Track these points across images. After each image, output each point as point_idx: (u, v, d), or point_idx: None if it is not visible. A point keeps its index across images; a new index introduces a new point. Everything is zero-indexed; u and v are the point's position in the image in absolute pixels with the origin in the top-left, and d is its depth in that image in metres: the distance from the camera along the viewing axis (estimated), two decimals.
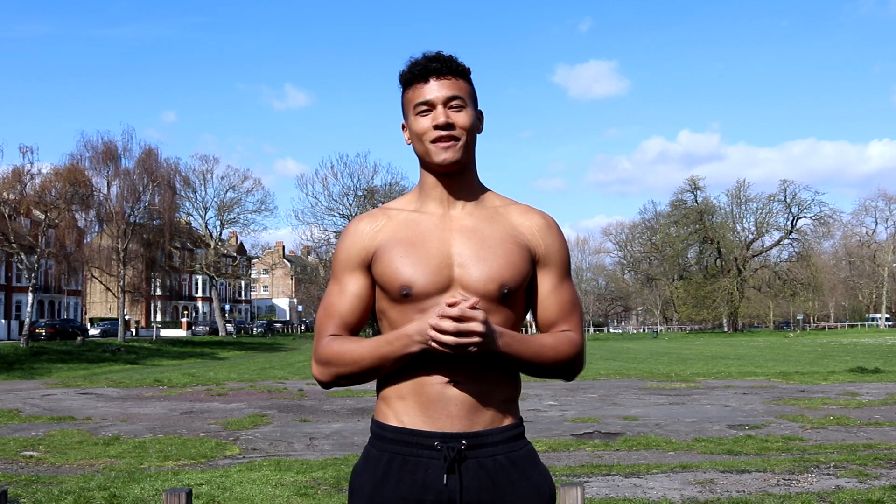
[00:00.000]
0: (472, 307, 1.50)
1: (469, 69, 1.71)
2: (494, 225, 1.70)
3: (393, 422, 1.64)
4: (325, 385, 1.71)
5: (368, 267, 1.70)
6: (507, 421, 1.66)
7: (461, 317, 1.48)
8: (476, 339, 1.49)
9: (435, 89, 1.66)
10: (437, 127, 1.64)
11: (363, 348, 1.62)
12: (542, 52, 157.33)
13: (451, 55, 1.69)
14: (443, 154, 1.65)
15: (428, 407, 1.61)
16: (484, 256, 1.64)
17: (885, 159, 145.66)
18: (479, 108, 1.75)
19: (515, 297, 1.66)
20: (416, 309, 1.61)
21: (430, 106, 1.66)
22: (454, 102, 1.66)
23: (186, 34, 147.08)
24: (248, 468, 7.10)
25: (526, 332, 1.66)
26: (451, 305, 1.49)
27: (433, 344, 1.51)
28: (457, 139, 1.65)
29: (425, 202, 1.73)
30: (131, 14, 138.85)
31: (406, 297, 1.62)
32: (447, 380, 1.60)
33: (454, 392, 1.60)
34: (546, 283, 1.72)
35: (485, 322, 1.50)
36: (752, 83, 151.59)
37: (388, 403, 1.66)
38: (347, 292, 1.71)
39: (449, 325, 1.47)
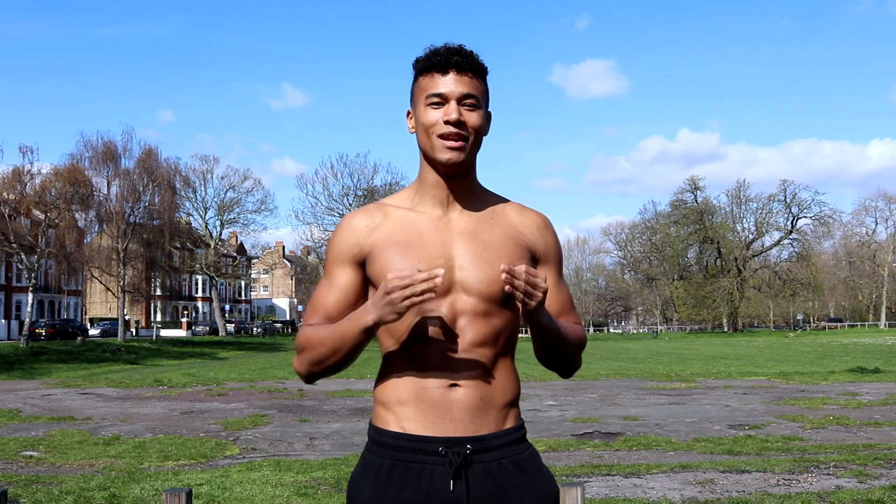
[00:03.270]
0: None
1: (487, 68, 1.66)
2: (494, 226, 1.67)
3: (393, 427, 1.60)
4: (303, 377, 1.66)
5: (360, 263, 1.67)
6: (510, 424, 1.63)
7: (531, 281, 1.48)
8: (540, 295, 1.49)
9: (452, 83, 1.60)
10: (447, 122, 1.59)
11: (328, 329, 1.59)
12: (539, 51, 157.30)
13: (473, 51, 1.64)
14: (448, 153, 1.60)
15: (430, 412, 1.57)
16: (486, 259, 1.61)
17: (885, 159, 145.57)
18: (488, 109, 1.70)
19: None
20: (414, 312, 1.58)
21: (444, 100, 1.60)
22: (469, 101, 1.60)
23: (183, 33, 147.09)
24: (248, 468, 7.10)
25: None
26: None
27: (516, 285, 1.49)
28: (465, 139, 1.60)
29: (423, 200, 1.68)
30: (128, 13, 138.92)
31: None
32: (449, 384, 1.57)
33: (456, 396, 1.57)
34: (547, 281, 1.69)
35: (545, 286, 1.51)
36: (752, 82, 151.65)
37: (388, 408, 1.62)
38: (335, 286, 1.68)
39: (521, 281, 1.47)
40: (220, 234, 65.17)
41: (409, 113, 1.70)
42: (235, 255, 78.49)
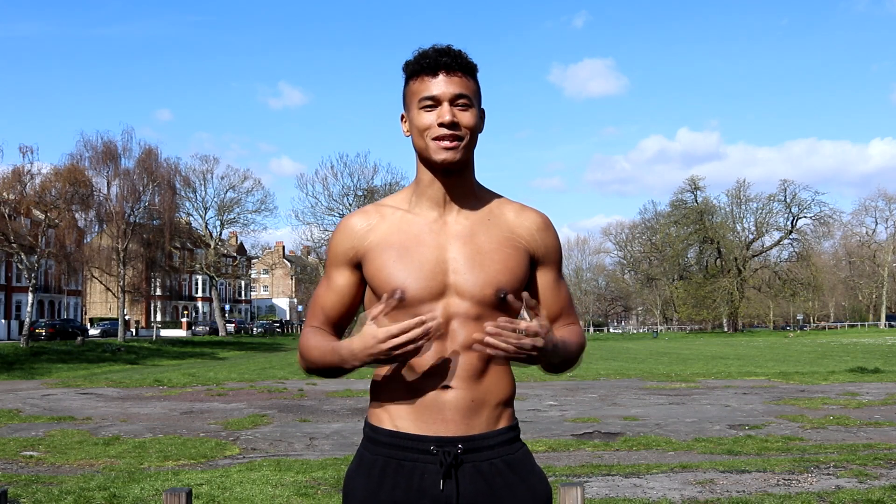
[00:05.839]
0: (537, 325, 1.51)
1: (476, 66, 1.66)
2: (491, 228, 1.67)
3: (387, 425, 1.62)
4: (305, 373, 1.74)
5: (357, 264, 1.69)
6: (503, 424, 1.65)
7: (523, 344, 1.49)
8: (538, 342, 1.51)
9: (443, 85, 1.60)
10: (441, 125, 1.60)
11: (321, 350, 1.63)
12: (537, 50, 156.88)
13: (461, 50, 1.64)
14: (444, 154, 1.60)
15: (422, 411, 1.59)
16: (480, 262, 1.61)
17: (885, 158, 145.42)
18: (482, 106, 1.71)
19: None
20: (409, 314, 1.58)
21: (436, 102, 1.61)
22: (461, 101, 1.61)
23: (181, 32, 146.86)
24: (248, 468, 7.10)
25: None
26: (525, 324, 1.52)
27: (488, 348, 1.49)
28: (460, 139, 1.61)
29: (420, 201, 1.69)
30: (126, 12, 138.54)
31: (399, 301, 1.60)
32: (441, 385, 1.58)
33: (449, 396, 1.58)
34: (546, 281, 1.73)
35: (547, 334, 1.52)
36: (752, 82, 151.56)
37: (383, 407, 1.65)
38: (333, 288, 1.72)
39: (528, 342, 1.49)
40: (220, 234, 65.18)
41: (402, 116, 1.71)
42: (235, 255, 78.53)
